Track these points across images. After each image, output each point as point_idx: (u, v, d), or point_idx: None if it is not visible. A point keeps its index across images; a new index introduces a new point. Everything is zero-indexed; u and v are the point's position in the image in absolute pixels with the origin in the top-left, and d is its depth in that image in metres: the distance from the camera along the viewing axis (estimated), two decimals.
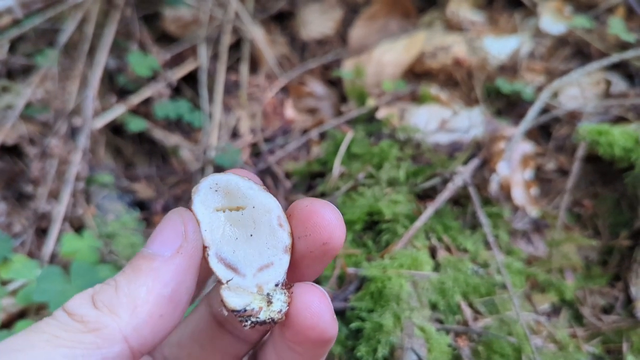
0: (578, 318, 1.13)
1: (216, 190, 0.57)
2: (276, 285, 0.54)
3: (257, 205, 0.56)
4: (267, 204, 0.56)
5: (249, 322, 0.52)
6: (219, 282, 0.54)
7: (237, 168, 0.62)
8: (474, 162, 1.22)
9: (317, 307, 0.53)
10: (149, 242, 0.54)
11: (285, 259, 0.55)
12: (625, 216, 1.21)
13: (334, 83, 1.75)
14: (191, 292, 0.54)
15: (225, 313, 0.53)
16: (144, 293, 0.51)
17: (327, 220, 0.55)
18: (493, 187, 1.17)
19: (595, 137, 1.19)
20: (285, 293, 0.54)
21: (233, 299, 0.52)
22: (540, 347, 1.03)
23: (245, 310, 0.52)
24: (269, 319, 0.53)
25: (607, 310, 1.13)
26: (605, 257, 1.20)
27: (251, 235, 0.56)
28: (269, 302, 0.53)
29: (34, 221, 1.44)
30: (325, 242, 0.55)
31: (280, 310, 0.53)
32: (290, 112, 1.65)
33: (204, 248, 0.55)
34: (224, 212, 0.57)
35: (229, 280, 0.54)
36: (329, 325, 0.54)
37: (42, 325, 0.50)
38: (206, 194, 0.56)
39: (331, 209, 0.55)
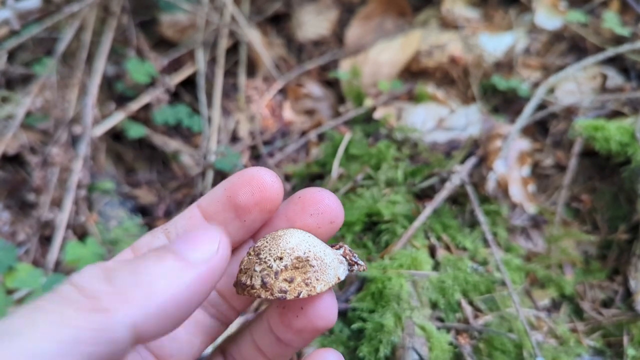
0: (578, 312, 1.14)
1: None
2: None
3: None
4: None
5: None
6: None
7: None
8: (471, 161, 1.23)
9: (330, 302, 0.65)
10: (182, 242, 0.53)
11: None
12: (623, 210, 1.22)
13: (332, 84, 1.76)
14: (198, 306, 0.54)
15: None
16: (162, 285, 0.48)
17: (335, 204, 0.68)
18: (490, 185, 1.18)
19: (591, 132, 1.20)
20: (344, 261, 0.67)
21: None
22: (541, 343, 1.04)
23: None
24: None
25: (607, 304, 1.14)
26: (604, 251, 1.21)
27: None
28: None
29: (38, 229, 1.46)
30: (332, 220, 0.68)
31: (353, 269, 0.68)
32: (288, 114, 1.66)
33: None
34: None
35: None
36: (334, 317, 0.66)
37: (45, 303, 0.45)
38: None
39: (335, 197, 0.69)
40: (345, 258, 0.68)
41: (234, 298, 0.72)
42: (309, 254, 0.63)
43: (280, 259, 0.62)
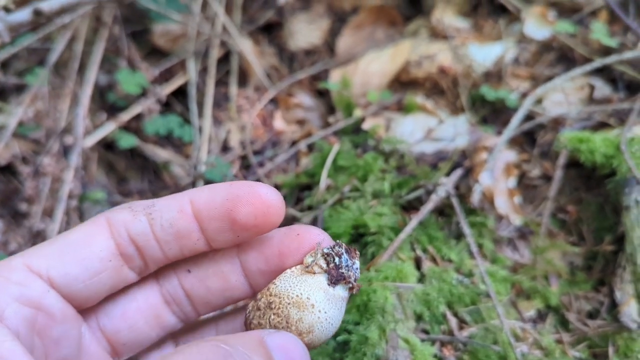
0: (564, 323, 1.14)
1: None
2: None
3: None
4: None
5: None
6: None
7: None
8: (458, 173, 1.24)
9: None
10: (278, 346, 0.59)
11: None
12: (609, 221, 1.23)
13: (322, 93, 1.77)
14: None
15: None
16: None
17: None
18: (475, 197, 1.19)
19: (576, 144, 1.21)
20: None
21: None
22: (526, 354, 1.04)
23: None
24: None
25: (593, 315, 1.15)
26: (590, 262, 1.22)
27: None
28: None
29: (29, 239, 1.46)
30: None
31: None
32: (279, 123, 1.66)
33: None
34: None
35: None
36: None
37: None
38: None
39: (330, 238, 0.73)
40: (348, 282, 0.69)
41: (201, 302, 0.74)
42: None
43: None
